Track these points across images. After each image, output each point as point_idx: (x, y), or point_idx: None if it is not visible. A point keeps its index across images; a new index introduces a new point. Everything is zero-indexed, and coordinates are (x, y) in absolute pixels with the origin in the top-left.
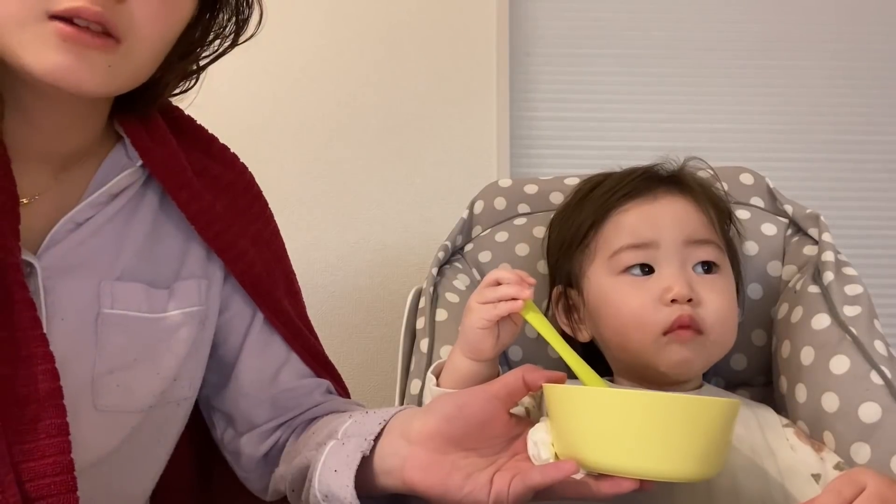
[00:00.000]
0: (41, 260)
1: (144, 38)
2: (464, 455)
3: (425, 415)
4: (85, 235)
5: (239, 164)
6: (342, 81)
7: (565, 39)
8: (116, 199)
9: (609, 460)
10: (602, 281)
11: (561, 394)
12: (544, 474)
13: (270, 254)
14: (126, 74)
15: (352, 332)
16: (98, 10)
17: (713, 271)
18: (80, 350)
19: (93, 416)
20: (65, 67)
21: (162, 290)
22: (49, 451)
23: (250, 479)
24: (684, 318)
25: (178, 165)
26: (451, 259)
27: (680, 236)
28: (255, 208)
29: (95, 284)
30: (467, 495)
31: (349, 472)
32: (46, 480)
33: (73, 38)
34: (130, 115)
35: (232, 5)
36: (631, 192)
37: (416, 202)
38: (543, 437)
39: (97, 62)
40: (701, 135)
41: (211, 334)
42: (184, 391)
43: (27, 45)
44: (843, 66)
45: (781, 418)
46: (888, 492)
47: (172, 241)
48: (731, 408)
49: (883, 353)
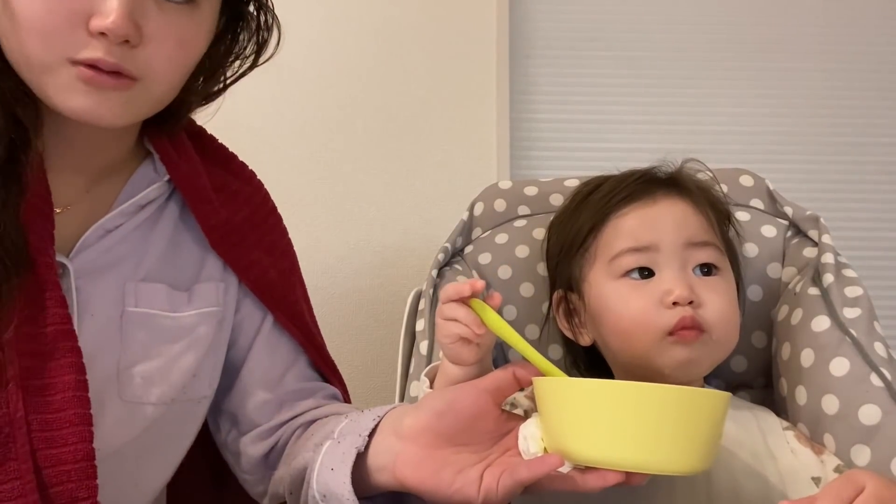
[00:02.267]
0: (74, 262)
1: (160, 77)
2: (455, 451)
3: (416, 411)
4: (113, 241)
5: (256, 180)
6: (342, 83)
7: (565, 41)
8: (143, 211)
9: (593, 452)
10: (602, 285)
11: (547, 386)
12: (531, 469)
13: (287, 262)
14: (145, 107)
15: (351, 334)
16: (114, 62)
17: (713, 273)
18: (106, 345)
19: (118, 407)
20: (87, 108)
21: (182, 292)
22: (71, 440)
23: (249, 481)
24: (686, 320)
25: (200, 182)
26: (451, 261)
27: (679, 239)
28: (271, 221)
29: (121, 285)
30: (457, 491)
31: (345, 469)
32: (67, 467)
33: (94, 81)
34: (160, 132)
35: (252, 29)
36: (629, 196)
37: (416, 204)
38: (533, 431)
39: (115, 100)
40: (701, 136)
41: (227, 335)
42: (203, 389)
43: (52, 87)
44: (843, 68)
45: (782, 421)
46: (886, 493)
47: (191, 249)
48: (717, 399)
49: (883, 354)
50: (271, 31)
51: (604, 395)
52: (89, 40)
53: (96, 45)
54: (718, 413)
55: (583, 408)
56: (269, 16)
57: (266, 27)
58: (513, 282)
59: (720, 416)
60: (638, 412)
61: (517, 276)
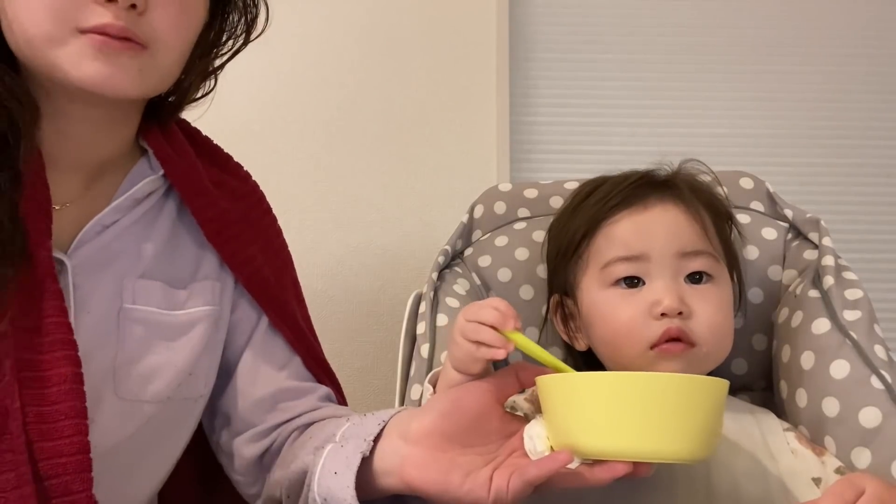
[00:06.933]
0: (71, 259)
1: (167, 43)
2: (462, 452)
3: (422, 413)
4: (110, 238)
5: (251, 180)
6: (342, 86)
7: (565, 44)
8: (139, 206)
9: (599, 444)
10: (594, 292)
11: (551, 383)
12: (540, 467)
13: (280, 262)
14: (156, 76)
15: (352, 337)
16: (122, 25)
17: (705, 281)
18: (103, 341)
19: (114, 403)
20: (101, 74)
21: (179, 290)
22: (67, 432)
23: (243, 482)
24: (672, 331)
25: (196, 175)
26: (451, 263)
27: (671, 248)
28: (266, 220)
29: (119, 282)
30: (467, 493)
31: (350, 474)
32: (62, 460)
33: (105, 46)
34: (154, 129)
35: (240, 7)
36: (622, 202)
37: (416, 206)
38: (539, 430)
39: (129, 66)
40: (701, 139)
41: (224, 335)
42: (199, 388)
43: (65, 59)
44: (843, 70)
45: (782, 422)
46: (887, 495)
47: (188, 247)
48: (717, 385)
49: (883, 357)
50: (258, 7)
51: (606, 387)
52: (95, 7)
53: (102, 12)
54: (718, 399)
55: (586, 401)
56: None
57: (253, 4)
58: (512, 284)
59: (720, 402)
60: (641, 401)
61: (517, 278)
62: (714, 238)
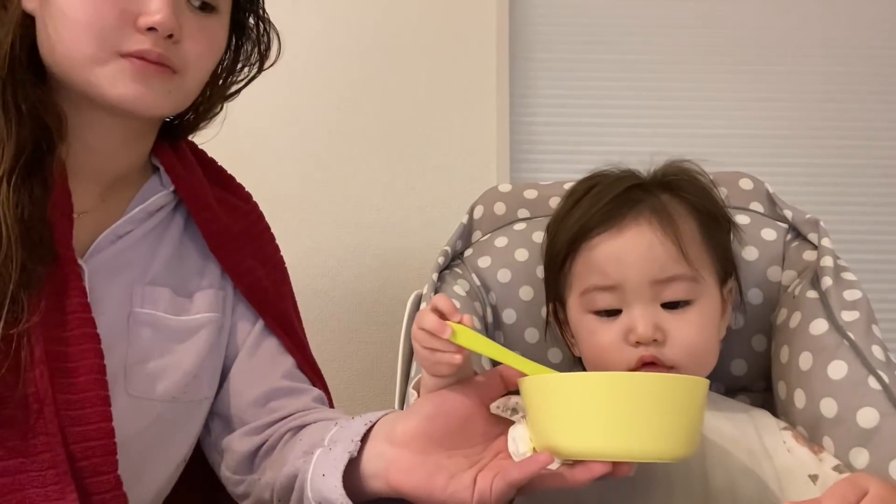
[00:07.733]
0: (87, 264)
1: (195, 69)
2: (447, 455)
3: (407, 416)
4: (123, 246)
5: (252, 200)
6: (342, 87)
7: (565, 45)
8: (151, 219)
9: (577, 444)
10: (577, 312)
11: (531, 384)
12: (521, 469)
13: (278, 276)
14: (181, 98)
15: (351, 337)
16: (160, 52)
17: (682, 307)
18: (115, 341)
19: (125, 400)
20: (136, 94)
21: (185, 297)
22: (94, 419)
23: (232, 479)
24: (647, 358)
25: (203, 192)
26: (450, 264)
27: (645, 277)
28: (266, 237)
29: (129, 287)
30: (451, 496)
31: (337, 474)
32: (91, 443)
33: (144, 69)
34: (166, 148)
35: (253, 38)
36: (599, 224)
37: (416, 207)
38: (522, 432)
39: (160, 89)
40: (700, 140)
41: (226, 340)
42: (203, 390)
43: (103, 78)
44: (843, 71)
45: (779, 422)
46: (889, 496)
47: (194, 258)
48: (692, 384)
49: (881, 358)
50: (271, 39)
51: (580, 387)
52: (136, 35)
53: (143, 39)
54: (695, 398)
55: (563, 401)
56: (268, 26)
57: (266, 34)
58: (512, 285)
59: (697, 401)
60: (614, 400)
61: (517, 279)
62: (696, 251)
